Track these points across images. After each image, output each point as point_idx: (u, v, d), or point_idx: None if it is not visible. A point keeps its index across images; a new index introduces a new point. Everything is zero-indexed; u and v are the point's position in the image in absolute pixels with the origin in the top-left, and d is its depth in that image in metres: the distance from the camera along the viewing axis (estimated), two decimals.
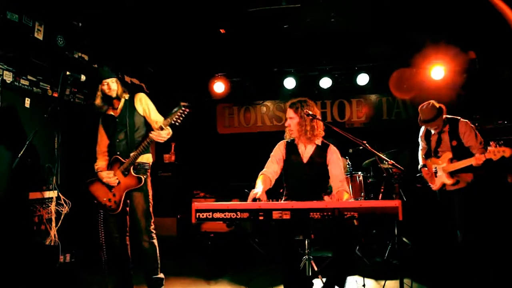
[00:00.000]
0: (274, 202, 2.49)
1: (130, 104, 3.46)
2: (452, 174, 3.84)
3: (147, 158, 3.46)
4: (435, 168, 4.00)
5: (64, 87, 3.41)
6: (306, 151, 3.17)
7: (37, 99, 4.36)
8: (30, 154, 3.95)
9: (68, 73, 3.25)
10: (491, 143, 3.49)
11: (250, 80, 6.39)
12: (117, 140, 3.40)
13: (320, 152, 3.15)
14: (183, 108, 3.13)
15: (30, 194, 4.13)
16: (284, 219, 2.34)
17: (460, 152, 3.80)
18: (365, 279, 3.77)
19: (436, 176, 4.01)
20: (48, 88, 4.48)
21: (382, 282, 3.71)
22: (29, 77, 4.23)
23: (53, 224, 4.33)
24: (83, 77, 3.34)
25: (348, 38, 5.50)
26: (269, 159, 3.26)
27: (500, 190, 4.45)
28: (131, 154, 3.32)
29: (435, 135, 4.02)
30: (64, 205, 4.40)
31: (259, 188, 2.88)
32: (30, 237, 4.07)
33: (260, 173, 3.18)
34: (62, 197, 4.39)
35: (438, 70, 5.63)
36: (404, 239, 4.47)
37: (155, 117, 3.48)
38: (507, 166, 4.55)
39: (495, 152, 3.42)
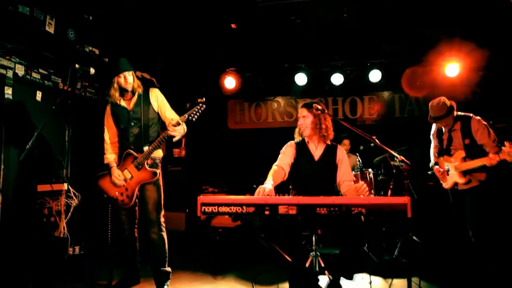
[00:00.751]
0: (281, 196, 2.46)
1: (144, 99, 3.44)
2: (464, 173, 3.75)
3: (159, 153, 3.47)
4: (447, 166, 3.91)
5: (74, 80, 3.43)
6: (317, 150, 3.19)
7: (49, 92, 4.40)
8: (40, 146, 3.98)
9: (77, 66, 3.26)
10: (505, 142, 3.38)
11: (261, 75, 6.35)
12: (131, 134, 3.38)
13: (330, 152, 3.17)
14: (200, 105, 3.16)
15: (40, 187, 4.16)
16: (290, 214, 2.31)
17: (473, 150, 3.70)
18: (373, 276, 3.71)
19: (448, 175, 3.92)
20: (59, 81, 4.52)
21: (390, 280, 3.65)
22: (40, 70, 4.27)
23: (63, 216, 4.37)
24: (92, 70, 3.36)
25: (361, 34, 5.42)
26: (280, 155, 3.26)
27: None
28: (146, 149, 3.32)
29: (446, 133, 3.92)
30: (74, 197, 4.45)
31: (268, 184, 2.85)
32: (40, 229, 4.11)
33: (274, 164, 3.18)
34: (71, 189, 4.44)
35: (452, 67, 5.50)
36: (414, 237, 4.39)
37: (170, 114, 3.47)
38: None
39: (510, 153, 3.32)
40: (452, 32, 5.26)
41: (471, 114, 3.84)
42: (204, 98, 3.26)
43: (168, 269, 3.36)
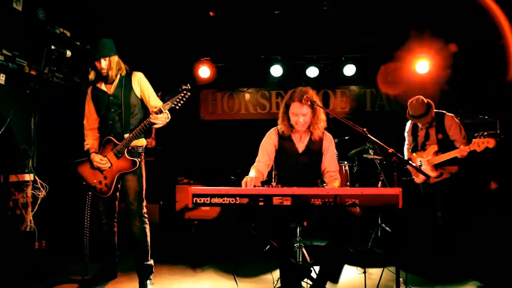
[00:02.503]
0: (274, 187, 2.44)
1: (126, 83, 3.24)
2: (436, 166, 3.92)
3: (141, 142, 3.31)
4: (420, 161, 4.07)
5: (48, 62, 3.19)
6: (301, 140, 3.08)
7: (13, 75, 4.09)
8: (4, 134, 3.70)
9: (53, 47, 3.03)
10: (476, 135, 3.57)
11: (235, 66, 6.26)
12: (110, 122, 3.22)
13: (316, 141, 3.07)
14: (184, 92, 3.01)
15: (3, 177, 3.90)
16: (284, 205, 2.30)
17: (446, 145, 3.88)
18: (350, 267, 3.81)
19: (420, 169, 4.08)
20: (25, 64, 4.20)
21: (369, 269, 3.76)
22: (4, 51, 3.95)
23: (29, 209, 4.12)
24: (68, 53, 3.13)
25: (337, 28, 5.48)
26: (260, 150, 3.13)
27: (482, 182, 4.60)
28: (126, 136, 3.17)
29: (423, 130, 4.07)
30: (41, 189, 4.20)
31: (252, 175, 2.81)
32: (4, 222, 3.84)
33: (252, 167, 3.07)
34: (38, 180, 4.18)
35: (422, 64, 5.70)
36: (386, 227, 4.54)
37: (154, 101, 3.29)
38: (489, 172, 4.72)
39: (479, 143, 3.50)
40: (422, 29, 5.45)
41: (444, 111, 4.01)
42: (188, 85, 3.09)
43: (151, 262, 3.26)
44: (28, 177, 4.14)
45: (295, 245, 2.91)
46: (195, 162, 6.25)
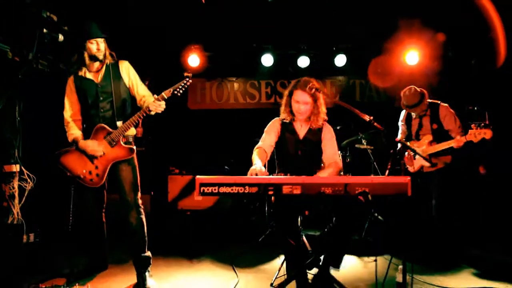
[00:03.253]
0: (283, 176, 2.41)
1: (114, 71, 3.16)
2: (430, 156, 3.97)
3: (131, 131, 3.21)
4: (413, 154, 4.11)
5: (40, 46, 3.01)
6: (302, 128, 3.13)
7: None
8: None
9: (45, 30, 2.87)
10: (472, 125, 3.63)
11: (225, 54, 6.15)
12: (101, 110, 3.10)
13: (316, 130, 3.11)
14: (187, 79, 2.99)
15: None
16: (294, 194, 2.27)
17: (440, 135, 3.93)
18: (347, 256, 3.84)
19: (414, 159, 4.13)
20: (8, 50, 3.98)
21: (365, 258, 3.80)
22: None
23: (16, 201, 3.96)
24: (61, 37, 2.99)
25: (328, 17, 5.43)
26: (264, 133, 3.17)
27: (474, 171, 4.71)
28: (119, 124, 3.07)
29: (417, 119, 4.12)
30: (28, 180, 4.04)
31: (258, 163, 2.77)
32: None
33: (256, 147, 3.09)
34: (25, 171, 4.02)
35: (412, 55, 5.75)
36: (379, 216, 4.60)
37: (142, 91, 3.22)
38: (478, 157, 4.83)
39: (475, 134, 3.56)
40: (412, 19, 5.48)
41: (439, 101, 4.06)
42: (191, 73, 3.07)
43: (149, 253, 3.18)
44: (15, 168, 3.96)
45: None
46: (185, 152, 6.14)
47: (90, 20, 3.09)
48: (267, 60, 5.94)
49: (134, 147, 3.16)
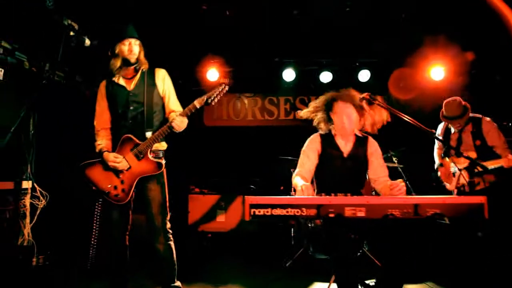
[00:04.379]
0: (343, 196, 2.14)
1: (149, 78, 2.91)
2: (473, 174, 3.70)
3: (162, 145, 2.95)
4: (455, 167, 3.85)
5: (62, 55, 2.76)
6: (346, 144, 2.87)
7: (12, 71, 3.66)
8: None
9: (72, 33, 2.64)
10: None
11: (245, 69, 5.95)
12: (130, 121, 2.84)
13: (361, 145, 2.86)
14: (223, 86, 2.80)
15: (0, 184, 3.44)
16: (358, 217, 2.00)
17: (484, 152, 3.68)
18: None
19: (454, 176, 3.87)
20: (25, 60, 3.77)
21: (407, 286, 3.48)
22: (3, 43, 3.52)
23: (27, 220, 3.66)
24: (87, 41, 2.77)
25: (351, 32, 5.28)
26: (301, 155, 2.92)
27: None
28: (149, 136, 2.81)
29: (456, 134, 3.88)
30: (41, 197, 3.75)
31: (303, 182, 2.51)
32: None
33: (295, 174, 2.84)
34: (38, 188, 3.74)
35: (437, 71, 5.57)
36: None
37: (174, 105, 2.97)
38: None
39: None
40: (437, 35, 5.32)
41: (481, 115, 3.83)
42: (226, 80, 2.88)
43: (178, 283, 2.87)
44: (26, 184, 3.68)
45: None
46: (203, 170, 5.85)
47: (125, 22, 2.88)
48: (289, 75, 5.74)
49: (163, 162, 2.89)
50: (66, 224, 4.00)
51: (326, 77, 5.75)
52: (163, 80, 2.97)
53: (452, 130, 3.92)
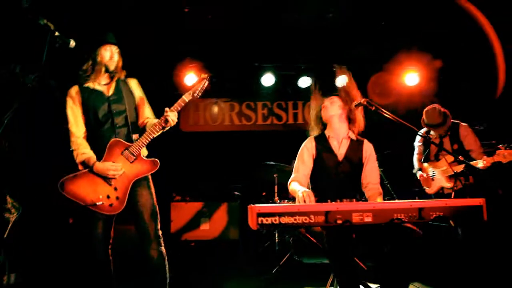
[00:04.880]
0: (349, 202, 2.13)
1: (124, 85, 2.85)
2: (451, 176, 3.83)
3: (143, 152, 2.84)
4: (433, 171, 3.99)
5: (50, 51, 2.57)
6: (340, 147, 2.84)
7: None
8: None
9: (57, 33, 2.48)
10: (500, 146, 3.52)
11: (223, 74, 5.87)
12: (117, 125, 2.73)
13: (356, 148, 2.84)
14: (204, 80, 2.81)
15: None
16: (365, 222, 1.99)
17: (461, 155, 3.82)
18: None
19: (433, 180, 4.00)
20: None
21: None
22: None
23: None
24: (72, 43, 2.57)
25: (330, 37, 5.35)
26: (296, 161, 2.88)
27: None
28: (135, 137, 2.75)
29: (437, 139, 4.01)
30: (12, 210, 3.50)
31: (302, 188, 2.49)
32: None
33: (291, 180, 2.81)
34: (9, 200, 3.49)
35: (412, 77, 5.76)
36: None
37: (149, 113, 2.92)
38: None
39: (505, 154, 3.44)
40: (411, 42, 5.52)
41: (458, 121, 3.98)
42: (207, 74, 2.88)
43: None
44: None
45: None
46: (185, 177, 5.69)
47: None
48: (268, 80, 5.72)
49: (157, 160, 2.77)
50: (41, 239, 3.74)
51: (305, 82, 5.79)
52: (137, 89, 2.92)
53: (433, 136, 4.04)
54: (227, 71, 5.84)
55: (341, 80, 3.08)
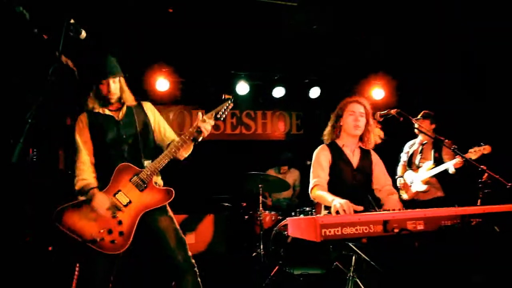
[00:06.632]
0: (387, 212, 2.14)
1: (138, 109, 2.61)
2: (426, 181, 4.09)
3: (159, 179, 2.62)
4: (413, 177, 4.24)
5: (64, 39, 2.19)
6: (354, 155, 2.90)
7: None
8: None
9: (72, 21, 2.16)
10: (470, 149, 3.81)
11: (196, 81, 5.68)
12: (126, 149, 2.47)
13: (366, 155, 2.93)
14: (229, 102, 2.58)
15: None
16: (418, 230, 2.02)
17: (440, 163, 4.13)
18: None
19: (411, 186, 4.26)
20: None
21: None
22: None
23: None
24: (83, 34, 2.27)
25: (305, 49, 5.44)
26: (314, 167, 2.83)
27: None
28: (147, 163, 2.47)
29: (419, 146, 4.30)
30: None
31: (331, 196, 2.46)
32: None
33: (313, 185, 2.75)
34: None
35: (378, 91, 6.11)
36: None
37: (171, 134, 2.70)
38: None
39: (475, 150, 3.65)
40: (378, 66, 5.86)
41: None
42: (231, 96, 2.65)
43: None
44: None
45: (348, 276, 2.67)
46: None
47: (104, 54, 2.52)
48: (242, 88, 5.65)
49: (172, 189, 2.49)
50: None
51: (278, 92, 5.82)
52: (153, 112, 2.70)
53: (416, 145, 4.34)
54: (200, 79, 5.65)
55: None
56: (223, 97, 2.65)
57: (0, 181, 2.93)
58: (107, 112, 2.51)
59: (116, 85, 2.51)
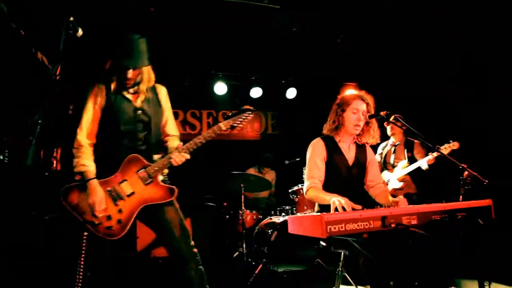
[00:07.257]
0: (385, 208, 2.27)
1: (153, 95, 2.53)
2: (402, 178, 4.34)
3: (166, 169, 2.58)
4: (388, 177, 4.46)
5: (66, 36, 2.09)
6: (349, 151, 2.89)
7: None
8: None
9: (71, 18, 2.10)
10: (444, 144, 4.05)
11: (174, 80, 5.61)
12: (140, 141, 2.44)
13: (362, 153, 2.93)
14: (248, 112, 2.56)
15: None
16: (412, 224, 2.16)
17: (412, 161, 4.38)
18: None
19: (387, 185, 4.47)
20: None
21: None
22: None
23: None
24: (80, 32, 2.21)
25: (281, 51, 5.54)
26: (310, 163, 2.80)
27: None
28: (157, 157, 2.46)
29: (392, 148, 4.51)
30: None
31: (338, 196, 2.51)
32: None
33: (308, 186, 2.76)
34: None
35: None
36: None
37: (173, 129, 2.65)
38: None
39: (446, 147, 3.93)
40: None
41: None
42: (253, 107, 2.63)
43: None
44: None
45: (337, 270, 2.79)
46: None
47: (130, 34, 2.42)
48: (220, 89, 5.67)
49: (175, 188, 2.48)
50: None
51: (256, 92, 5.89)
52: (166, 100, 2.62)
53: (389, 146, 4.55)
54: (179, 77, 5.60)
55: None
56: (243, 107, 2.61)
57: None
58: (127, 95, 2.43)
59: (135, 73, 2.39)
